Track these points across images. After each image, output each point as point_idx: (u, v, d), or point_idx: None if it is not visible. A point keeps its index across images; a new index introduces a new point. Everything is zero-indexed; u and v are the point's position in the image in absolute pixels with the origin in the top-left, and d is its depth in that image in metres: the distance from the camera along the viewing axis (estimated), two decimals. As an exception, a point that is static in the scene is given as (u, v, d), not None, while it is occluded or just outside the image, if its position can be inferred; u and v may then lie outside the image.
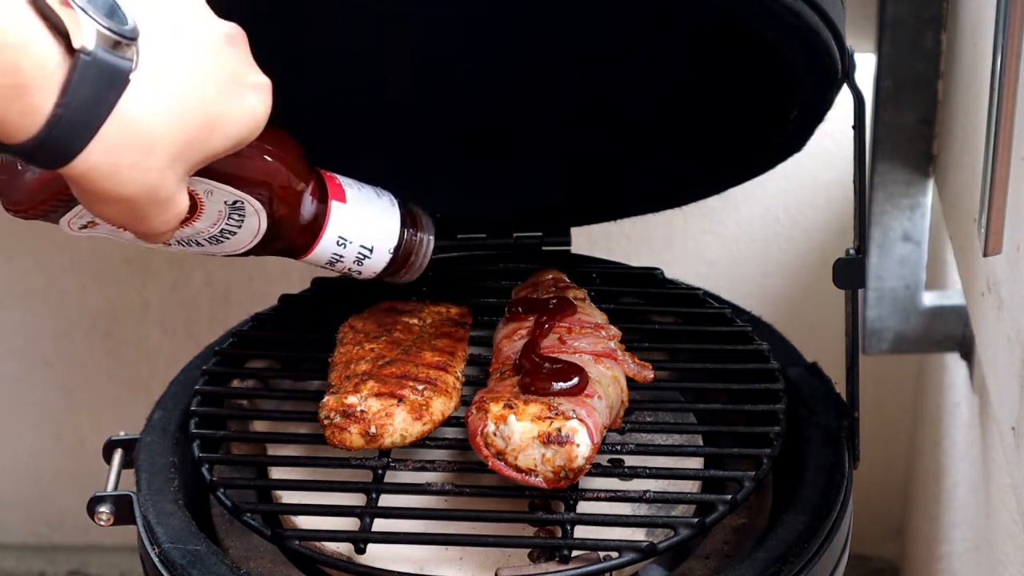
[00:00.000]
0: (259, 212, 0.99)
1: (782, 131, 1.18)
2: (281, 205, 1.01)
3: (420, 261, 1.10)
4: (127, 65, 0.80)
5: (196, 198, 0.96)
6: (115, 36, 0.80)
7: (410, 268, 1.11)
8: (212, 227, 0.99)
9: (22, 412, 1.99)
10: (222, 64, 0.86)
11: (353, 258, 1.07)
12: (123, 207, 0.84)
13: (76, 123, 0.79)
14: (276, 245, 1.03)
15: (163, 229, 0.88)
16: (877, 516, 1.95)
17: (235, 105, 0.87)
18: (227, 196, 0.97)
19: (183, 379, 1.24)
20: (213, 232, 0.99)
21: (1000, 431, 1.19)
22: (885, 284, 1.57)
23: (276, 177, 0.99)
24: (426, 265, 1.11)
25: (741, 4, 1.01)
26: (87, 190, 0.83)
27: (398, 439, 1.07)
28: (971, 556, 1.50)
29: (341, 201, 1.05)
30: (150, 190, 0.84)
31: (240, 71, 0.88)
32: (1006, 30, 1.01)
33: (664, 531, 1.04)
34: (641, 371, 1.13)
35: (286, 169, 1.00)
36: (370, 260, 1.08)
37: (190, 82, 0.84)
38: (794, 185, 1.78)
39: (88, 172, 0.81)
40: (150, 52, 0.82)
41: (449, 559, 1.06)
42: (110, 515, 1.11)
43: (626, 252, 1.79)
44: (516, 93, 1.29)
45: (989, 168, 1.05)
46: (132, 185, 0.83)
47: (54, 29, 0.78)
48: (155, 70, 0.82)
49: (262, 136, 0.94)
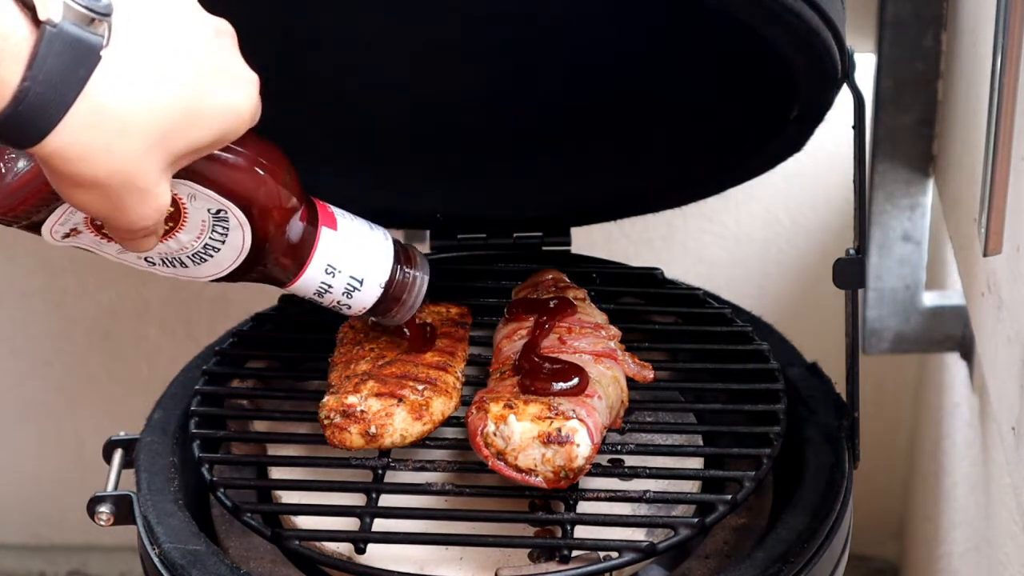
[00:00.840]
0: (243, 226, 0.96)
1: (782, 131, 1.18)
2: (266, 219, 0.97)
3: (412, 300, 1.07)
4: (98, 41, 0.79)
5: (179, 204, 0.94)
6: (85, 10, 0.79)
7: (401, 307, 1.07)
8: (196, 240, 0.96)
9: (22, 412, 1.99)
10: (205, 56, 0.85)
11: (342, 290, 1.04)
12: (99, 194, 0.83)
13: (45, 98, 0.78)
14: (261, 268, 1.00)
15: (143, 223, 0.86)
16: (877, 516, 1.95)
17: (218, 97, 0.86)
18: (210, 203, 0.95)
19: (183, 379, 1.24)
20: (196, 247, 0.97)
21: (1000, 431, 1.19)
22: (885, 284, 1.57)
23: (261, 186, 0.96)
24: (418, 306, 1.07)
25: (741, 4, 1.01)
26: (61, 173, 0.82)
27: (398, 439, 1.07)
28: (971, 556, 1.50)
29: (332, 228, 1.03)
30: (127, 176, 0.83)
31: (225, 65, 0.87)
32: (1006, 30, 1.01)
33: (664, 531, 1.04)
34: (641, 371, 1.13)
35: (273, 180, 0.97)
36: (360, 293, 1.05)
37: (169, 69, 0.83)
38: (794, 185, 1.78)
39: (60, 152, 0.80)
40: (127, 33, 0.81)
41: (449, 559, 1.06)
42: (110, 515, 1.11)
43: (626, 252, 1.79)
44: (516, 93, 1.29)
45: (989, 168, 1.05)
46: (106, 168, 0.82)
47: (20, 2, 0.77)
48: (131, 51, 0.81)
49: (250, 144, 0.93)
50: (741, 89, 1.21)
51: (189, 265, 0.98)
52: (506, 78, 1.28)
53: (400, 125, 1.30)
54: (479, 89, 1.28)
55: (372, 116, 1.29)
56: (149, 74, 0.82)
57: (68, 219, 0.93)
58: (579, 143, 1.31)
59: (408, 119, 1.30)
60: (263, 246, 0.98)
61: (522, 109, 1.29)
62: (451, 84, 1.28)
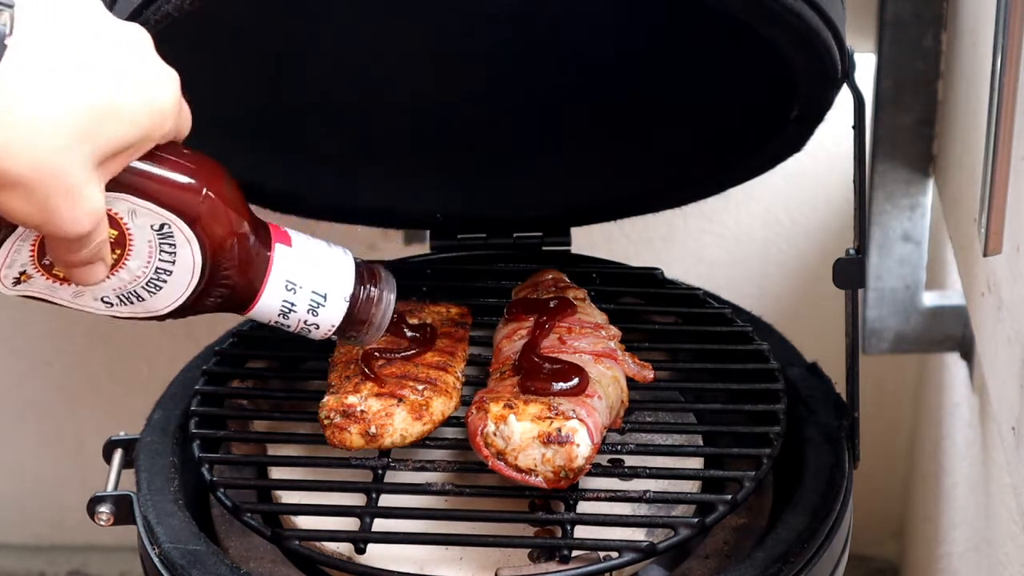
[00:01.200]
0: (190, 241, 0.93)
1: (782, 131, 1.18)
2: (212, 230, 0.94)
3: (381, 315, 1.03)
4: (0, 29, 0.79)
5: (121, 225, 0.91)
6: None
7: (370, 324, 1.03)
8: (146, 265, 0.94)
9: (22, 412, 1.99)
10: (118, 52, 0.85)
11: (306, 306, 1.00)
12: (24, 194, 0.82)
13: None
14: (219, 289, 0.97)
15: (78, 229, 0.85)
16: (877, 516, 1.95)
17: (137, 93, 0.85)
18: (152, 218, 0.92)
19: (183, 379, 1.24)
20: (148, 273, 0.94)
21: (1000, 431, 1.19)
22: (885, 284, 1.57)
23: (199, 193, 0.93)
24: (386, 324, 1.03)
25: (741, 4, 1.01)
26: None
27: (398, 439, 1.07)
28: (971, 556, 1.50)
29: (286, 244, 1.00)
30: (50, 172, 0.81)
31: (141, 61, 0.87)
32: (1006, 30, 1.01)
33: (664, 531, 1.04)
34: (641, 371, 1.13)
35: (211, 189, 0.94)
36: (325, 309, 1.01)
37: (82, 63, 0.82)
38: (794, 185, 1.78)
39: None
40: (34, 26, 0.81)
41: (449, 559, 1.06)
42: (110, 515, 1.11)
43: (626, 252, 1.79)
44: (516, 93, 1.29)
45: (989, 168, 1.05)
46: (29, 163, 0.81)
47: None
48: (41, 45, 0.81)
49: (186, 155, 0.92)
50: (741, 89, 1.21)
51: (146, 297, 0.96)
52: (506, 78, 1.28)
53: (400, 125, 1.30)
54: (479, 89, 1.28)
55: (372, 116, 1.29)
56: (61, 68, 0.82)
57: (14, 260, 0.91)
58: (579, 143, 1.31)
59: (408, 119, 1.30)
60: (216, 262, 0.96)
61: (522, 109, 1.29)
62: (451, 84, 1.28)
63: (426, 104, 1.29)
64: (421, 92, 1.28)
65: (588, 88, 1.28)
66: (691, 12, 1.11)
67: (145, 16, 1.01)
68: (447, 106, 1.29)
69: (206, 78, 1.13)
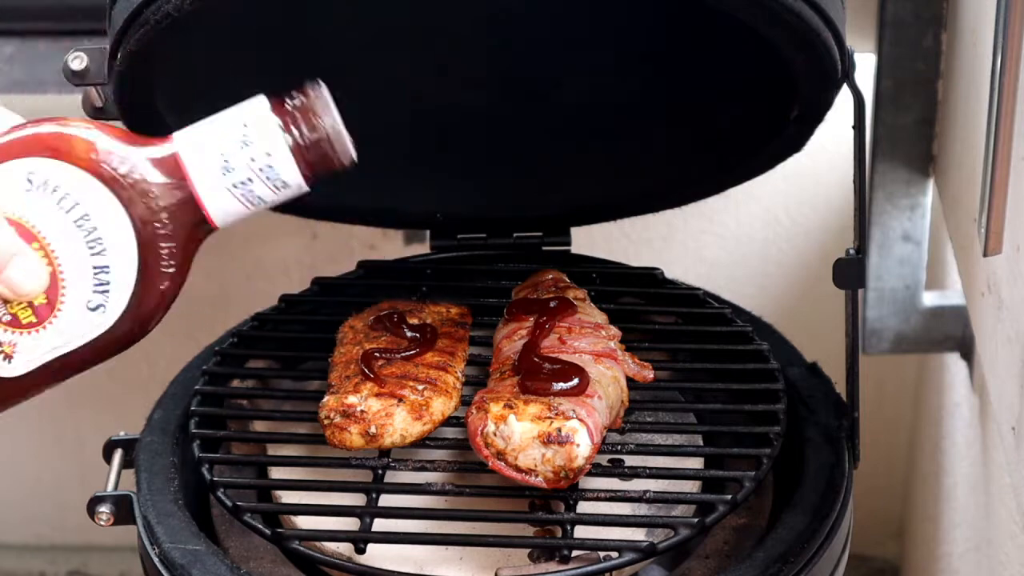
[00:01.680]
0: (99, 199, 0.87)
1: (782, 131, 1.18)
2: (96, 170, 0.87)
3: (332, 127, 0.93)
4: None
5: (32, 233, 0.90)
6: None
7: (332, 145, 0.93)
8: (85, 258, 0.91)
9: (22, 412, 1.98)
10: None
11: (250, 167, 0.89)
12: None
13: None
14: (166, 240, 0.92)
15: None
16: (877, 516, 1.95)
17: None
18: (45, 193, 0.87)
19: (183, 379, 1.24)
20: (91, 268, 0.91)
21: (1000, 431, 1.19)
22: (885, 284, 1.58)
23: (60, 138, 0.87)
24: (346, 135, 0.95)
25: (741, 4, 1.01)
26: None
27: (398, 439, 1.07)
28: (971, 556, 1.50)
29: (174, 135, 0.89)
30: None
31: None
32: (1006, 30, 1.01)
33: (664, 531, 1.04)
34: (641, 371, 1.13)
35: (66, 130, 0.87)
36: (273, 158, 0.89)
37: None
38: (794, 185, 1.78)
39: None
40: None
41: (449, 559, 1.06)
42: (110, 515, 1.11)
43: (626, 252, 1.79)
44: (516, 93, 1.29)
45: (989, 168, 1.05)
46: None
47: None
48: None
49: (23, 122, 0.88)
50: (741, 89, 1.21)
51: (105, 304, 0.94)
52: (506, 78, 1.28)
53: (400, 125, 1.30)
54: (479, 89, 1.29)
55: (372, 116, 1.29)
56: None
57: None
58: (579, 143, 1.31)
59: (408, 119, 1.30)
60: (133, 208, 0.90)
61: (522, 109, 1.29)
62: (451, 84, 1.28)
63: (426, 104, 1.29)
64: (421, 92, 1.28)
65: (588, 88, 1.28)
66: (691, 12, 1.11)
67: (145, 16, 1.01)
68: (447, 106, 1.29)
69: (206, 78, 1.14)
